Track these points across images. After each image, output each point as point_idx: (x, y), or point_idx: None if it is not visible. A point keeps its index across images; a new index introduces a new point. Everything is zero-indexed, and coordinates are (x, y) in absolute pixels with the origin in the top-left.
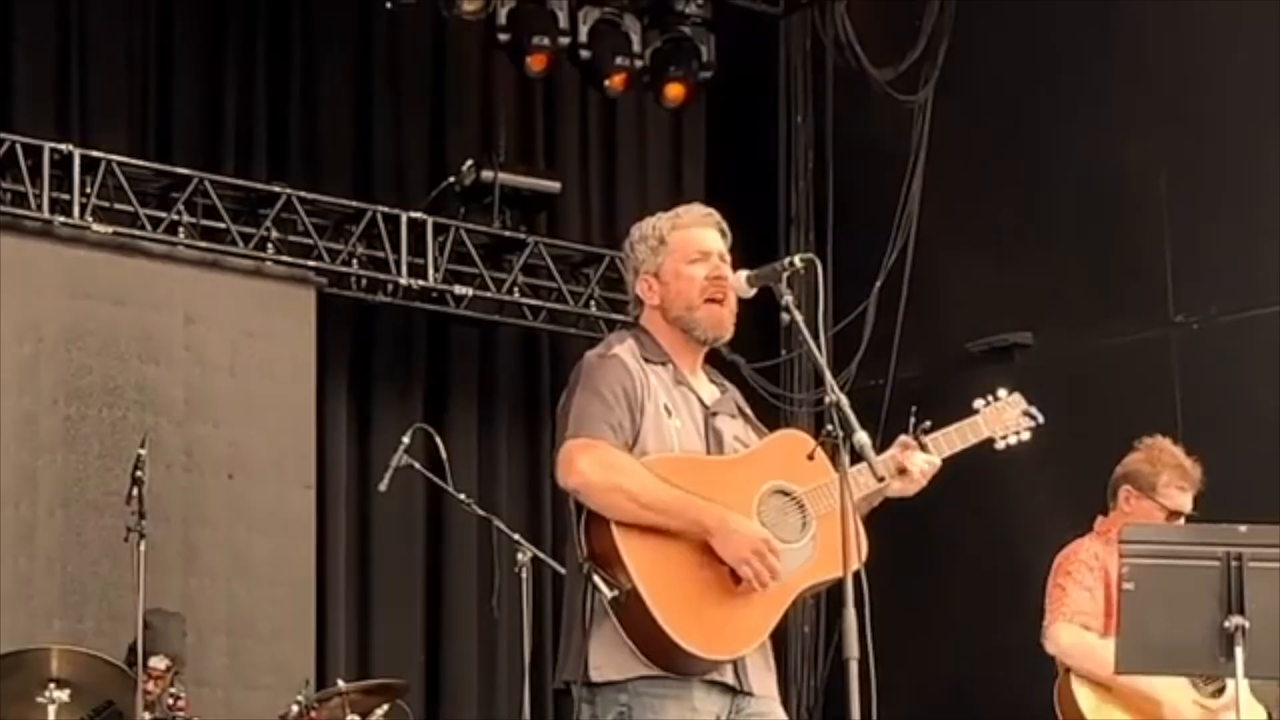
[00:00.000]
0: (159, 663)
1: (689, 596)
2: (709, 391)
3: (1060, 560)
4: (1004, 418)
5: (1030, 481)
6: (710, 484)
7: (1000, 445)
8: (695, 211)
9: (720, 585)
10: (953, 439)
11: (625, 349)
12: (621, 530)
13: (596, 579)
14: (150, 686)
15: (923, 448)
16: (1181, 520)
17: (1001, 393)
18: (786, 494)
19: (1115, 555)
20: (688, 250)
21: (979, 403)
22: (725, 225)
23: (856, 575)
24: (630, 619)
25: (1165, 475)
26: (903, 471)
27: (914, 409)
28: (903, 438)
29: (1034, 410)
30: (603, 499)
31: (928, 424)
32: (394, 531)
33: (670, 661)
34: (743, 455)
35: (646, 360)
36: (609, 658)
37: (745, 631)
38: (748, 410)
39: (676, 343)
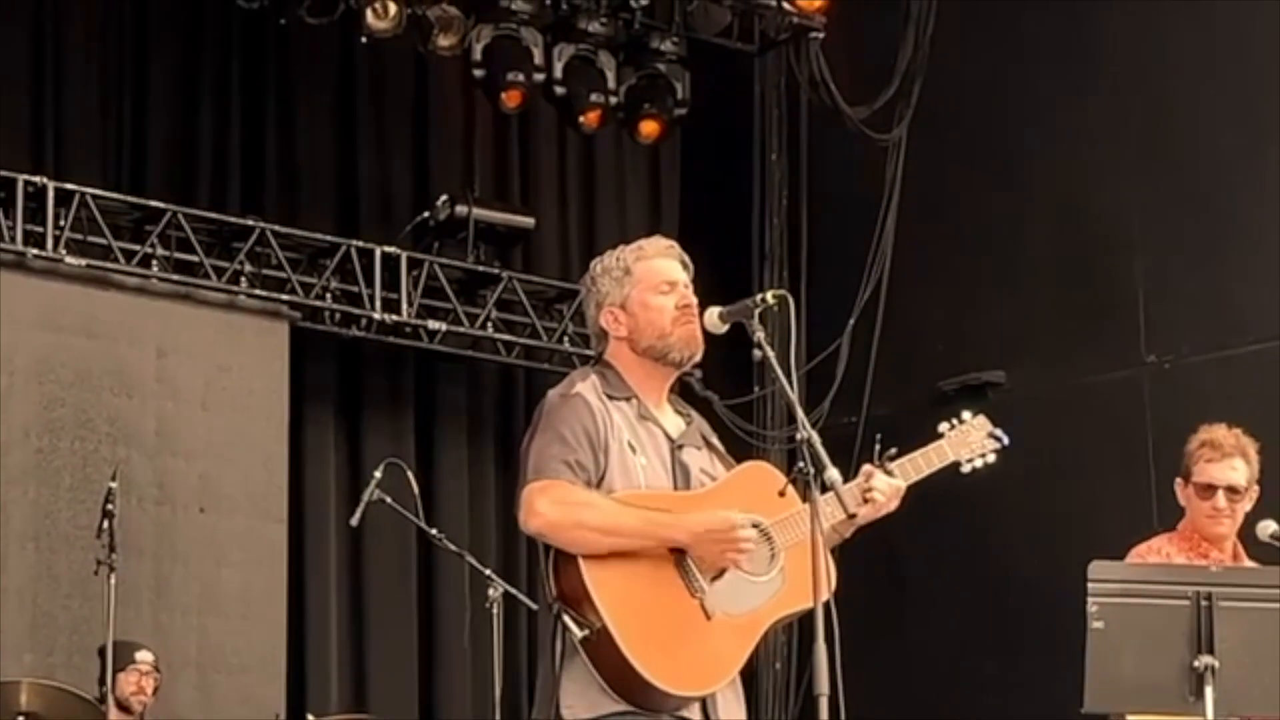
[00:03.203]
0: (146, 655)
1: (659, 633)
2: (674, 423)
3: (1129, 558)
4: (969, 441)
5: (1003, 518)
6: None
7: (966, 469)
8: (658, 244)
9: (691, 619)
10: (919, 464)
11: (587, 386)
12: (590, 568)
13: (566, 619)
14: (141, 684)
15: (888, 475)
16: (1220, 494)
17: (966, 415)
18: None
19: (1194, 552)
20: (655, 281)
21: (944, 426)
22: (687, 258)
23: (827, 608)
24: (601, 657)
25: (1196, 453)
26: (868, 499)
27: (878, 437)
28: (867, 466)
29: (999, 432)
30: (567, 536)
31: (893, 451)
32: (386, 564)
33: (641, 698)
34: (709, 489)
35: (610, 397)
36: (579, 696)
37: (716, 667)
38: (714, 440)
39: (643, 375)
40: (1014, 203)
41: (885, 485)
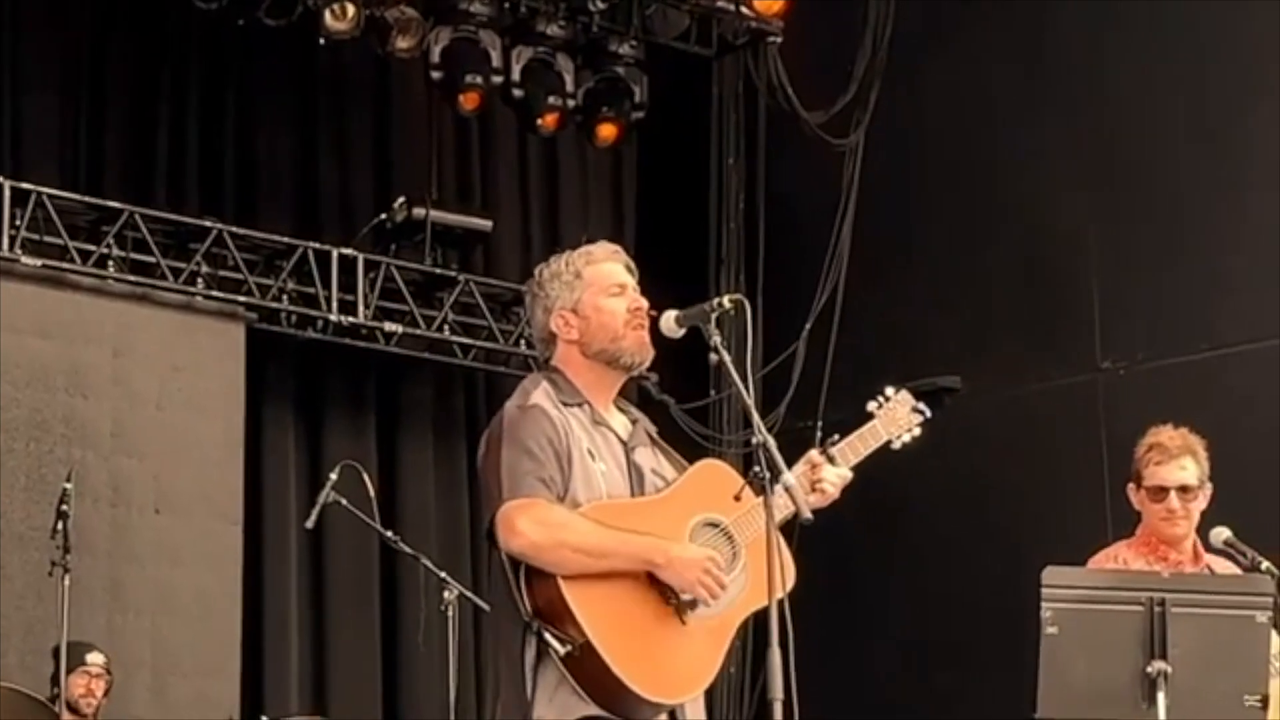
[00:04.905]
0: (97, 658)
1: (640, 643)
2: (622, 424)
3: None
4: (896, 417)
5: (958, 523)
6: (641, 525)
7: (897, 445)
8: (605, 248)
9: (669, 626)
10: (856, 447)
11: (542, 395)
12: (568, 584)
13: (548, 636)
14: (91, 686)
15: (830, 460)
16: (1171, 495)
17: (889, 391)
18: (714, 525)
19: (1153, 555)
20: (606, 284)
21: (872, 405)
22: (632, 263)
23: (782, 611)
24: (584, 672)
25: (1145, 456)
26: (817, 489)
27: (818, 423)
28: (810, 454)
29: (921, 405)
30: (549, 557)
31: (835, 437)
32: (347, 566)
33: (623, 708)
34: (668, 493)
35: (564, 404)
36: (551, 704)
37: (696, 672)
38: (656, 436)
39: (593, 379)
40: (970, 208)
41: (834, 476)
